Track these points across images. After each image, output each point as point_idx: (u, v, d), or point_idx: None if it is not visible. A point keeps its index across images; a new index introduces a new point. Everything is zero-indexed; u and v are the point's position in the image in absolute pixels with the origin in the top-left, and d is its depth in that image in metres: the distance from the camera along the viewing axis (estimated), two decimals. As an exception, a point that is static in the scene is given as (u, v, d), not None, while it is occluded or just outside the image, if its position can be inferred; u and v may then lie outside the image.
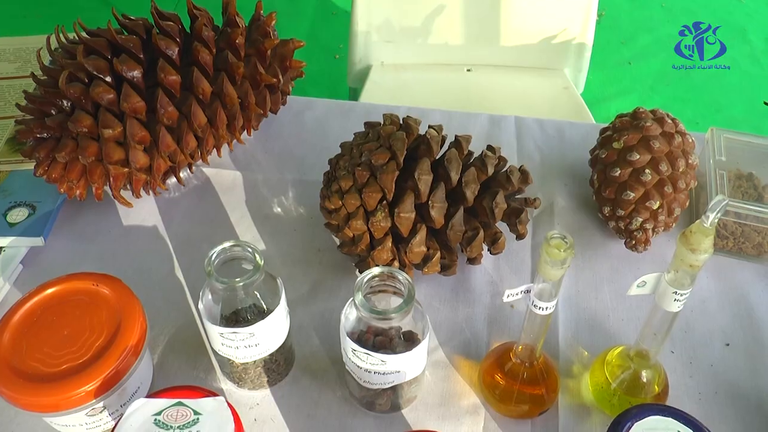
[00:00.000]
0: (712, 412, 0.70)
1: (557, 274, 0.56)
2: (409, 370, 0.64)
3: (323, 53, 2.18)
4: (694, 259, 0.55)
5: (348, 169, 0.72)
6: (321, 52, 2.18)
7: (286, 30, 2.20)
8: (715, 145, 0.86)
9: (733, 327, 0.77)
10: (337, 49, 2.19)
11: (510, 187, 0.73)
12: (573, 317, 0.76)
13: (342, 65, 1.56)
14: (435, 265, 0.72)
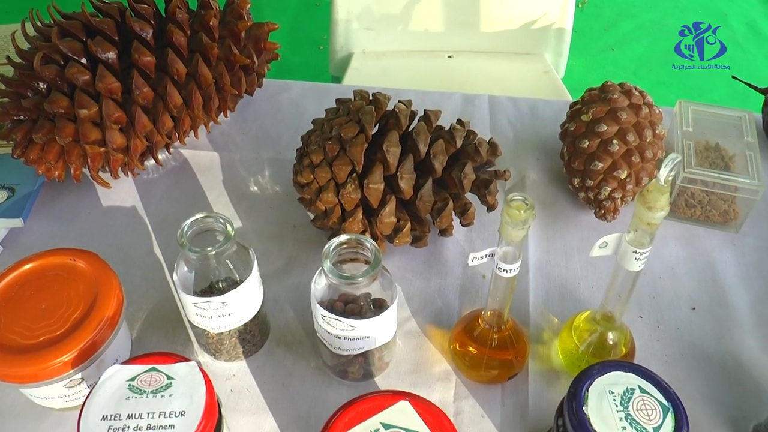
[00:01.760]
0: (677, 373, 0.71)
1: (519, 234, 0.58)
2: (378, 336, 0.65)
3: (307, 44, 2.19)
4: (651, 217, 0.57)
5: (319, 143, 0.73)
6: (305, 43, 2.19)
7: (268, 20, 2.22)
8: (683, 117, 0.87)
9: (700, 292, 0.78)
10: (320, 40, 2.20)
11: (478, 159, 0.74)
12: (543, 286, 0.78)
13: (326, 56, 1.57)
14: (406, 236, 0.73)
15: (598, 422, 0.55)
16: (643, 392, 0.57)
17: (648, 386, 0.58)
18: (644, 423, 0.55)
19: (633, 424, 0.55)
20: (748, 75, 0.99)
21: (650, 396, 0.57)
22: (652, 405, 0.56)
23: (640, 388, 0.57)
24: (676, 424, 0.56)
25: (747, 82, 0.96)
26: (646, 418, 0.55)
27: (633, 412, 0.56)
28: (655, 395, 0.57)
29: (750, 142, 0.85)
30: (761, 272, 0.81)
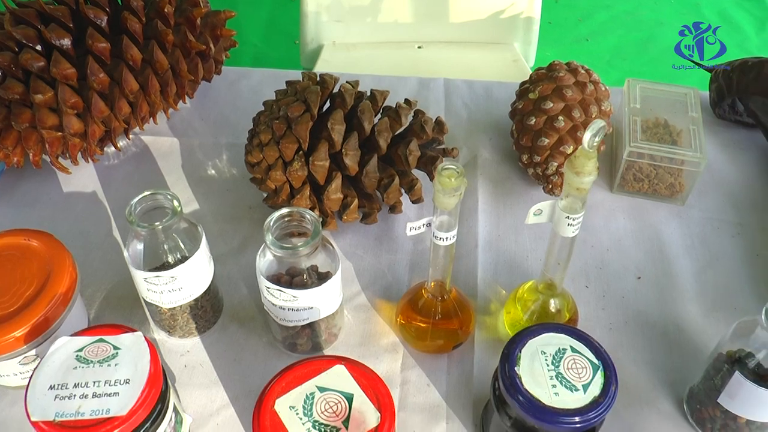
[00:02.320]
0: (621, 339, 0.73)
1: (451, 202, 0.59)
2: (322, 307, 0.67)
3: (283, 39, 2.20)
4: (579, 182, 0.59)
5: (267, 123, 0.75)
6: (280, 38, 2.20)
7: (245, 16, 2.24)
8: (631, 94, 0.89)
9: (646, 262, 0.80)
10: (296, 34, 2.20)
11: (424, 136, 0.76)
12: (492, 259, 0.79)
13: (301, 49, 1.59)
14: (354, 213, 0.75)
15: (530, 381, 0.57)
16: (575, 352, 0.59)
17: (579, 346, 0.59)
18: (574, 381, 0.57)
19: (563, 382, 0.57)
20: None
21: (581, 355, 0.59)
22: (582, 364, 0.58)
23: (572, 348, 0.59)
24: (606, 380, 0.57)
25: (694, 60, 0.98)
26: (576, 376, 0.57)
27: (564, 371, 0.57)
28: (586, 354, 0.59)
29: (694, 117, 0.87)
30: (705, 242, 0.82)
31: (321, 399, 0.56)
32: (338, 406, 0.55)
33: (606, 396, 0.56)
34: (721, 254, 0.81)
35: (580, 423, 0.55)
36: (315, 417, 0.55)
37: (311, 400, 0.56)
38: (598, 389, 0.57)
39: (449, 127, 0.92)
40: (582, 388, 0.57)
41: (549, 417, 0.55)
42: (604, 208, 0.86)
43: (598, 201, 0.86)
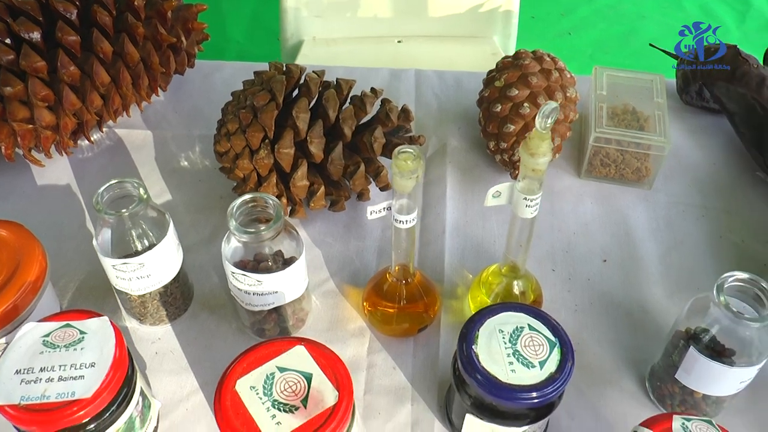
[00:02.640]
0: (586, 320, 0.74)
1: (409, 184, 0.60)
2: (287, 291, 0.68)
3: (266, 36, 2.21)
4: (534, 163, 0.60)
5: (234, 113, 0.76)
6: (264, 35, 2.21)
7: (228, 13, 2.24)
8: (597, 81, 0.90)
9: (612, 245, 0.81)
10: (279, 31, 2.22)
11: (390, 124, 0.77)
12: (459, 245, 0.80)
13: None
14: (321, 199, 0.76)
15: (487, 359, 0.58)
16: (532, 330, 0.60)
17: (537, 324, 0.60)
18: (531, 357, 0.58)
19: (520, 359, 0.58)
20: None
21: (539, 333, 0.60)
22: (539, 341, 0.59)
23: (530, 326, 0.60)
24: (562, 357, 0.58)
25: (662, 48, 1.00)
26: (533, 353, 0.58)
27: (521, 348, 0.59)
28: (544, 332, 0.60)
29: (659, 102, 0.88)
30: (670, 225, 0.84)
31: (281, 379, 0.57)
32: (297, 385, 0.56)
33: (562, 372, 0.57)
34: (686, 237, 0.83)
35: (537, 398, 0.56)
36: (275, 396, 0.55)
37: (271, 381, 0.56)
38: (555, 365, 0.58)
39: (419, 117, 0.94)
40: (538, 365, 0.58)
41: (506, 394, 0.56)
42: (571, 193, 0.87)
43: (565, 186, 0.87)
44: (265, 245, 0.66)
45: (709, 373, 0.62)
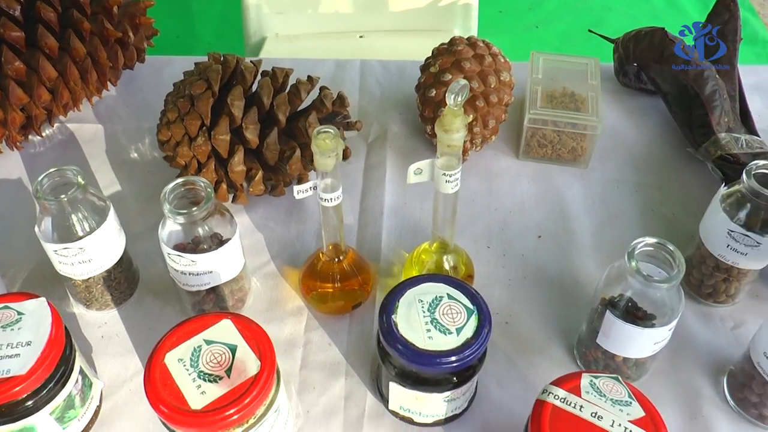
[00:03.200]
0: (518, 293, 0.77)
1: (329, 163, 0.63)
2: (222, 271, 0.70)
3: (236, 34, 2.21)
4: (449, 139, 0.62)
5: (174, 102, 0.78)
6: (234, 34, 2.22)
7: (198, 12, 2.26)
8: (534, 66, 0.93)
9: (547, 222, 0.84)
10: (247, 30, 2.24)
11: (324, 110, 0.79)
12: (397, 226, 0.83)
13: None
14: (259, 184, 0.78)
15: (405, 328, 0.60)
16: (451, 299, 0.62)
17: (456, 293, 0.63)
18: (448, 325, 0.60)
19: (438, 326, 0.60)
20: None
21: (457, 302, 0.62)
22: (458, 309, 0.62)
23: (449, 295, 0.63)
24: (479, 323, 0.61)
25: (600, 34, 1.03)
26: (450, 321, 0.61)
27: (439, 317, 0.61)
28: (462, 301, 0.62)
29: (593, 84, 0.91)
30: (605, 202, 0.86)
31: (207, 351, 0.59)
32: (222, 356, 0.58)
33: (478, 337, 0.60)
34: (620, 212, 0.85)
35: (455, 363, 0.59)
36: (201, 368, 0.58)
37: (198, 353, 0.59)
38: (471, 331, 0.60)
39: (363, 105, 0.96)
40: (455, 331, 0.60)
41: (423, 359, 0.59)
42: (509, 174, 0.89)
43: (504, 168, 0.90)
44: (199, 227, 0.68)
45: (624, 336, 0.64)
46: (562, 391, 0.56)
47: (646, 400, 0.56)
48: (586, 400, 0.56)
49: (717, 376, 0.71)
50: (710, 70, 0.88)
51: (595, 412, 0.55)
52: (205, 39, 2.16)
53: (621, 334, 0.64)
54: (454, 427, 0.67)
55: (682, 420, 0.68)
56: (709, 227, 0.74)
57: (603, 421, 0.54)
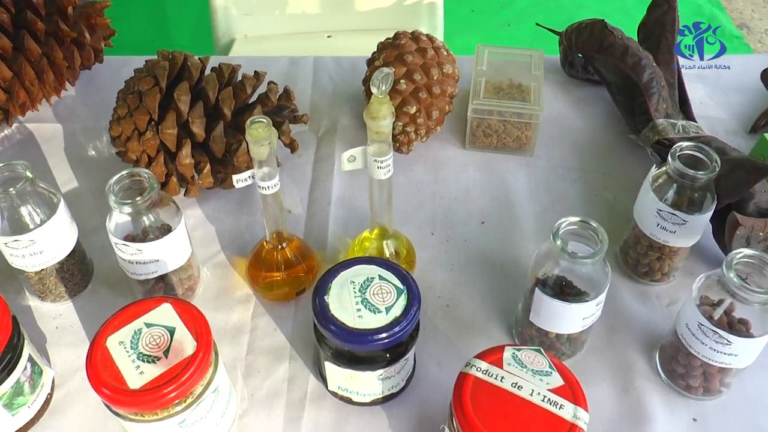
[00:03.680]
0: (461, 278, 0.79)
1: (263, 151, 0.65)
2: (169, 260, 0.72)
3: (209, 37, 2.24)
4: (377, 126, 0.65)
5: (124, 98, 0.81)
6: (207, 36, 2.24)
7: (173, 18, 2.28)
8: (479, 59, 0.96)
9: (491, 209, 0.86)
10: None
11: (270, 104, 0.82)
12: (344, 215, 0.85)
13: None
14: (207, 176, 0.81)
15: (337, 308, 0.63)
16: (382, 279, 0.65)
17: (387, 274, 0.65)
18: (378, 304, 0.63)
19: (368, 306, 0.63)
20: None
21: (388, 282, 0.65)
22: (388, 289, 0.64)
23: (380, 276, 0.65)
24: (408, 302, 0.63)
25: (546, 27, 1.06)
26: (380, 300, 0.63)
27: (369, 297, 0.63)
28: (393, 281, 0.65)
29: (536, 75, 0.94)
30: (548, 188, 0.89)
31: (147, 333, 0.61)
32: (161, 338, 0.61)
33: (407, 315, 0.62)
34: (563, 197, 0.88)
35: (385, 340, 0.61)
36: (140, 349, 0.60)
37: (138, 335, 0.61)
38: (400, 310, 0.63)
39: (315, 100, 0.99)
40: (385, 310, 0.62)
41: (353, 338, 0.61)
42: (456, 163, 0.92)
43: (450, 157, 0.93)
44: (145, 217, 0.71)
45: (554, 312, 0.67)
46: (484, 364, 0.58)
47: (566, 370, 0.59)
48: (507, 371, 0.58)
49: (650, 351, 0.74)
50: (648, 59, 0.91)
51: (515, 383, 0.57)
52: (180, 42, 2.18)
53: (550, 311, 0.67)
54: (393, 405, 0.69)
55: (616, 393, 0.71)
56: (640, 208, 0.77)
57: (522, 390, 0.57)
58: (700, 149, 0.73)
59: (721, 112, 1.02)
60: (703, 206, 0.73)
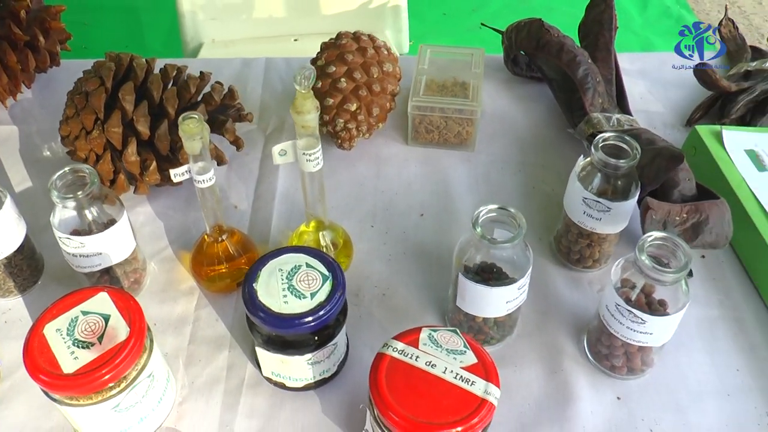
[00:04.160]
0: (398, 268, 0.82)
1: (196, 146, 0.68)
2: (112, 253, 0.75)
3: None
4: (303, 120, 0.68)
5: (72, 99, 0.83)
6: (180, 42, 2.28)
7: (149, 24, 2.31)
8: (421, 57, 0.99)
9: (431, 202, 0.89)
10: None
11: (213, 103, 0.85)
12: (287, 209, 0.88)
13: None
14: (154, 173, 0.84)
15: (264, 294, 0.65)
16: (309, 267, 0.68)
17: (314, 262, 0.68)
18: (304, 290, 0.66)
19: (294, 292, 0.66)
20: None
21: (314, 269, 0.67)
22: (314, 276, 0.67)
23: (307, 264, 0.68)
24: (332, 288, 0.66)
25: (490, 26, 1.09)
26: (306, 287, 0.66)
27: (296, 283, 0.66)
28: (319, 268, 0.68)
29: (477, 73, 0.97)
30: (488, 181, 0.92)
31: (83, 321, 0.64)
32: (96, 325, 0.63)
33: (331, 300, 0.65)
34: (502, 189, 0.91)
35: (310, 323, 0.64)
36: (75, 336, 0.63)
37: (75, 323, 0.64)
38: (325, 295, 0.65)
39: (265, 100, 1.02)
40: (309, 296, 0.65)
41: (279, 322, 0.64)
42: (398, 158, 0.95)
43: (393, 153, 0.96)
44: (87, 212, 0.73)
45: (477, 297, 0.70)
46: (400, 344, 0.61)
47: (479, 349, 0.61)
48: (422, 351, 0.61)
49: (580, 335, 0.77)
50: (583, 56, 0.94)
51: (429, 361, 0.60)
52: (153, 48, 2.21)
53: (474, 295, 0.70)
54: (326, 390, 0.72)
55: (544, 375, 0.74)
56: (569, 197, 0.80)
57: (436, 368, 0.60)
58: (621, 139, 0.76)
59: (661, 106, 1.05)
60: (629, 194, 0.76)
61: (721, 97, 1.02)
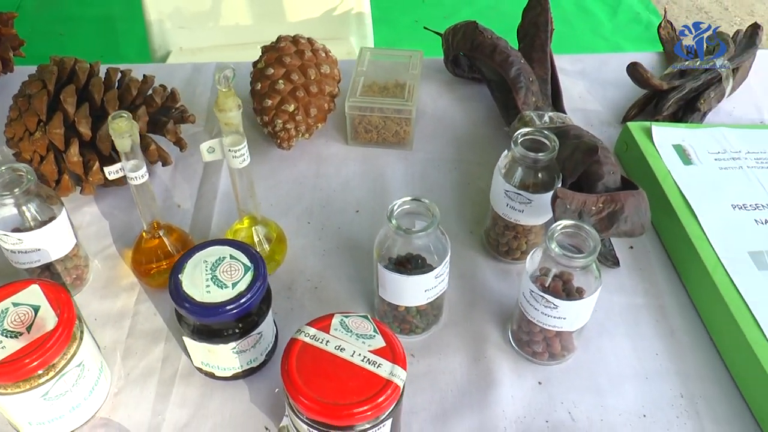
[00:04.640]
0: (331, 261, 0.85)
1: (126, 144, 0.71)
2: (51, 249, 0.78)
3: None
4: (226, 118, 0.71)
5: (16, 102, 0.87)
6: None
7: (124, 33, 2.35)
8: (360, 59, 1.03)
9: (367, 199, 0.93)
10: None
11: (154, 104, 0.88)
12: (227, 209, 0.91)
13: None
14: (97, 174, 0.87)
15: (189, 285, 0.68)
16: (233, 259, 0.71)
17: (238, 254, 0.71)
18: (226, 280, 0.69)
19: (216, 282, 0.69)
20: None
21: (237, 261, 0.70)
22: (237, 267, 0.70)
23: (231, 256, 0.71)
24: (254, 278, 0.69)
25: (432, 29, 1.13)
26: (228, 277, 0.69)
27: (219, 274, 0.69)
28: (242, 260, 0.71)
29: (414, 74, 1.00)
30: (424, 178, 0.95)
31: (13, 312, 0.67)
32: (26, 316, 0.66)
33: (251, 289, 0.68)
34: (437, 186, 0.94)
35: (231, 311, 0.67)
36: (5, 326, 0.65)
37: (5, 314, 0.66)
38: (246, 285, 0.68)
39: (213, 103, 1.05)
40: (231, 286, 0.68)
41: (202, 311, 0.67)
42: (338, 158, 0.98)
43: (333, 153, 0.99)
44: (26, 209, 0.76)
45: (396, 286, 0.73)
46: (312, 330, 0.64)
47: (388, 334, 0.64)
48: (333, 335, 0.64)
49: (505, 324, 0.80)
50: (516, 56, 0.97)
51: (338, 345, 0.63)
52: (128, 56, 2.25)
53: (393, 285, 0.73)
54: (254, 379, 0.75)
55: (468, 362, 0.77)
56: (493, 191, 0.83)
57: (345, 352, 0.62)
58: (540, 133, 0.79)
59: (598, 105, 1.08)
60: (551, 187, 0.79)
61: (655, 96, 1.05)
